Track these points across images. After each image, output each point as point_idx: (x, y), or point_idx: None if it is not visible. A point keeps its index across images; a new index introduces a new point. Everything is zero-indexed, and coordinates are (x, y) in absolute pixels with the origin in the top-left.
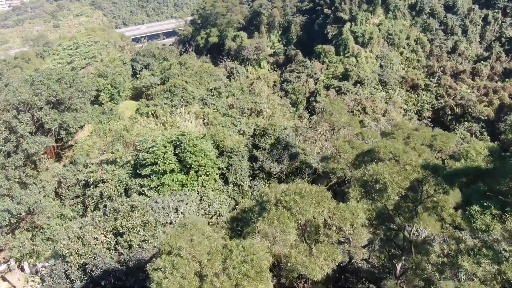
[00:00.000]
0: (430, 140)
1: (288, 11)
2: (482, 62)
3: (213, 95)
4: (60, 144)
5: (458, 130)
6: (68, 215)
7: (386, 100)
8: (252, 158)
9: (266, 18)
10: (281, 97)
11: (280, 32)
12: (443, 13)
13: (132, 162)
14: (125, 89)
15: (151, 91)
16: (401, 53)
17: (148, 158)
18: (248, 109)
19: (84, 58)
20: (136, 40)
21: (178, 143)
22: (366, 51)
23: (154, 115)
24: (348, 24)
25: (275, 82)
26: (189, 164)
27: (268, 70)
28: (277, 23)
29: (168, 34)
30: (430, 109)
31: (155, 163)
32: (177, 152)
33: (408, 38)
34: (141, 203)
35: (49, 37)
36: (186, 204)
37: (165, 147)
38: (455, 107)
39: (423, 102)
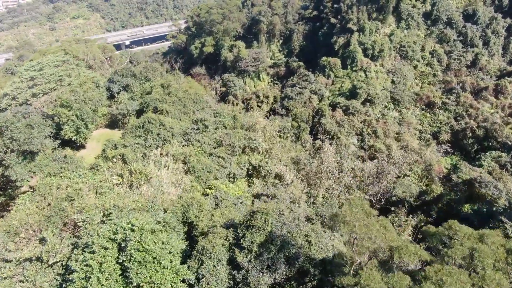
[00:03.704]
0: (505, 258)
1: (290, 18)
2: (506, 77)
3: (198, 128)
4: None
5: (484, 161)
6: None
7: (399, 120)
8: (233, 262)
9: (266, 26)
10: (282, 115)
11: (281, 42)
12: (462, 23)
13: (65, 261)
14: (94, 120)
15: (128, 119)
16: (415, 67)
17: (77, 272)
18: (240, 147)
19: (48, 82)
20: (136, 43)
21: (124, 243)
22: (376, 65)
23: (123, 159)
24: (356, 35)
25: (275, 97)
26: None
27: (268, 82)
28: (278, 32)
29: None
30: (449, 131)
31: (87, 278)
32: (121, 260)
33: (422, 50)
34: None
35: (44, 39)
36: None
37: (106, 249)
38: (476, 129)
39: (440, 123)
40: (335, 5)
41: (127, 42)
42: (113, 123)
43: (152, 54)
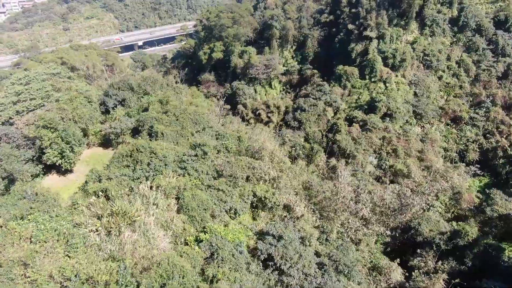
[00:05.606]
0: None
1: (304, 23)
2: None
3: (196, 154)
4: None
5: None
6: None
7: (422, 137)
8: None
9: (279, 32)
10: (293, 128)
11: (294, 48)
12: (493, 30)
13: None
14: (82, 142)
15: (122, 138)
16: (440, 78)
17: None
18: (242, 177)
19: (34, 98)
20: (149, 43)
21: None
22: (397, 75)
23: (105, 195)
24: (375, 42)
25: (287, 107)
26: None
27: (280, 91)
28: (291, 37)
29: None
30: (477, 149)
31: None
32: None
33: (448, 59)
34: None
35: (58, 40)
36: None
37: None
38: (508, 148)
39: (468, 140)
40: (353, 10)
41: (140, 43)
42: (107, 142)
43: (160, 58)
